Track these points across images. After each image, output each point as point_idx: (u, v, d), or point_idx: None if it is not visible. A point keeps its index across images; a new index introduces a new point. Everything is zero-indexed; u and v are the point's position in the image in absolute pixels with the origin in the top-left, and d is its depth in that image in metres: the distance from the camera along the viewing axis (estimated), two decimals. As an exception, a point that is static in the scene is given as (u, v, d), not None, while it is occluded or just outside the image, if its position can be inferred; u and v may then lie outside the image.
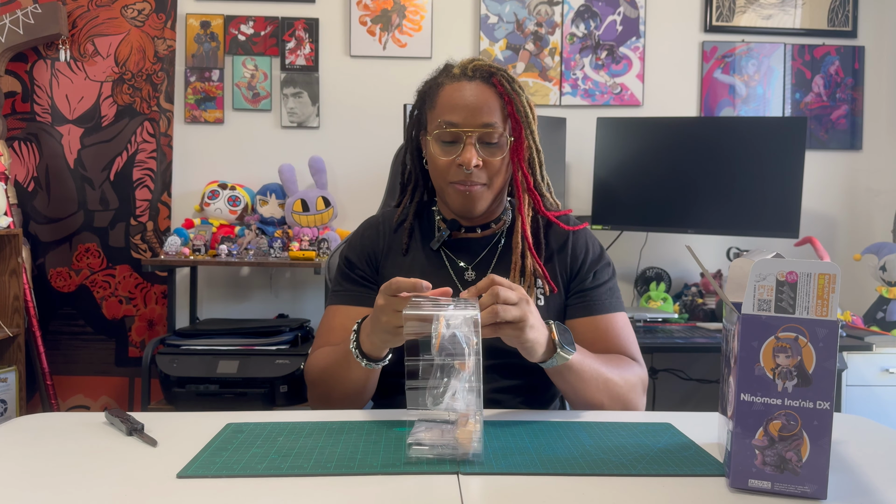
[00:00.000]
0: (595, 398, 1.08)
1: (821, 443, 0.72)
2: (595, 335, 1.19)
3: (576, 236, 1.26)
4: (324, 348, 1.19)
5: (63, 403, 2.76)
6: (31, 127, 2.74)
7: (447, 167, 1.17)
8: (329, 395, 1.14)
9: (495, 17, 2.81)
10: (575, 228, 1.27)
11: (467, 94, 1.16)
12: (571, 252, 1.25)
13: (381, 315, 0.95)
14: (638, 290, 2.79)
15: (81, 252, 2.76)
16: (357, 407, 1.14)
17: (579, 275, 1.23)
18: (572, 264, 1.24)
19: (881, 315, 2.54)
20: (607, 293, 1.23)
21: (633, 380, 1.13)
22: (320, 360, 1.17)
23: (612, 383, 1.09)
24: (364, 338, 1.03)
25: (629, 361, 1.17)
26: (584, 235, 1.27)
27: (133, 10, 2.74)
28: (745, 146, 2.48)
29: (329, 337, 1.21)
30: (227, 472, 0.78)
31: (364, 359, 1.04)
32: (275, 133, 2.80)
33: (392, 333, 0.96)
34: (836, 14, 2.85)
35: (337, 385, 1.12)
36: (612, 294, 1.23)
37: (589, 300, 1.22)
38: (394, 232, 1.29)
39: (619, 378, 1.10)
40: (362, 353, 1.04)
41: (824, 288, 0.72)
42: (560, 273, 1.24)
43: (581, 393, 1.08)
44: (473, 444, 0.82)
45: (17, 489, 0.75)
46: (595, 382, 1.07)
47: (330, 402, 1.14)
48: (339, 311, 1.23)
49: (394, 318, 0.93)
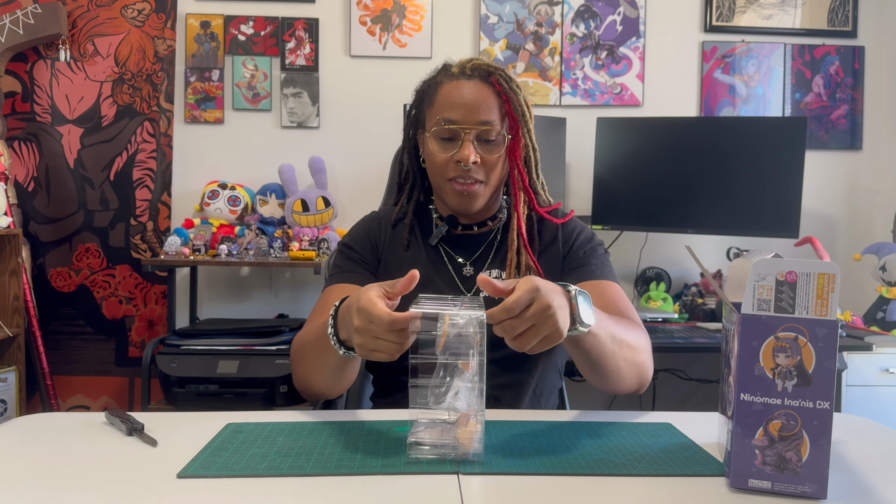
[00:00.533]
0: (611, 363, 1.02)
1: (821, 443, 0.72)
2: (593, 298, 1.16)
3: (564, 225, 1.28)
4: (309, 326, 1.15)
5: (63, 403, 2.76)
6: (31, 127, 2.74)
7: (445, 164, 1.19)
8: (306, 377, 1.10)
9: (495, 17, 2.81)
10: (563, 220, 1.28)
11: (466, 93, 1.17)
12: (562, 238, 1.27)
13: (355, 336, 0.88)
14: (638, 290, 2.79)
15: (81, 252, 2.76)
16: (336, 393, 1.11)
17: (570, 254, 1.25)
18: (563, 249, 1.26)
19: (881, 315, 2.54)
20: (599, 265, 1.23)
21: (642, 340, 1.11)
22: (302, 335, 1.14)
23: (626, 344, 1.04)
24: (341, 325, 0.96)
25: (633, 322, 1.14)
26: (572, 223, 1.30)
27: (133, 10, 2.74)
28: (745, 146, 2.48)
29: (321, 315, 1.15)
30: (227, 472, 0.78)
31: (342, 347, 0.96)
32: (275, 133, 2.80)
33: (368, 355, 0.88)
34: (836, 14, 2.85)
35: (313, 367, 1.08)
36: (604, 266, 1.23)
37: (582, 269, 1.22)
38: (393, 228, 1.30)
39: (630, 338, 1.06)
40: (340, 341, 0.96)
41: (824, 288, 0.72)
42: (553, 263, 1.25)
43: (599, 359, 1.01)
44: (474, 444, 0.82)
45: (17, 489, 0.75)
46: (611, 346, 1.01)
47: (307, 385, 1.11)
48: (335, 289, 1.22)
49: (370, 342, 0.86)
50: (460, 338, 0.81)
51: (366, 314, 0.85)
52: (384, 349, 0.86)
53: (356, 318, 0.86)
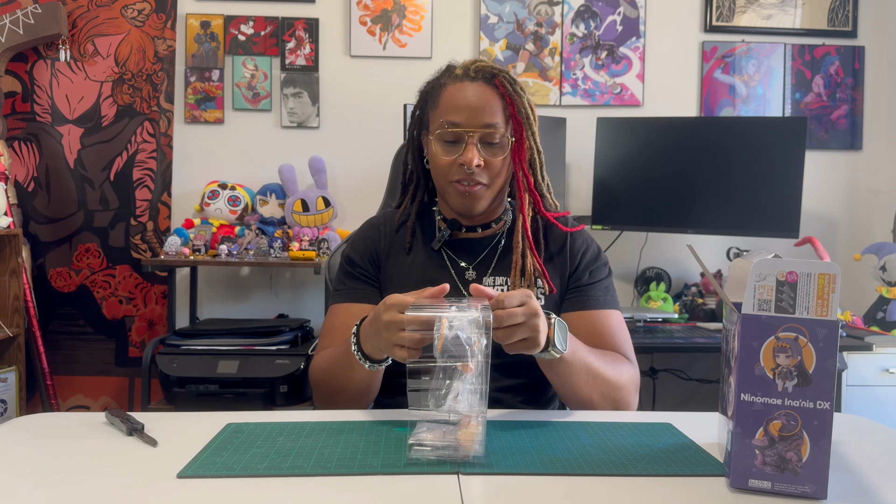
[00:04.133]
0: (584, 393, 1.08)
1: (821, 443, 0.72)
2: (589, 330, 1.19)
3: (573, 237, 1.27)
4: (328, 349, 1.19)
5: (63, 403, 2.76)
6: (31, 127, 2.74)
7: (449, 167, 1.18)
8: (333, 395, 1.14)
9: (495, 17, 2.81)
10: (573, 230, 1.28)
11: (469, 95, 1.17)
12: (569, 252, 1.26)
13: (384, 332, 0.94)
14: (638, 290, 2.79)
15: (81, 252, 2.76)
16: (363, 406, 1.14)
17: (576, 273, 1.24)
18: (570, 264, 1.25)
19: (881, 315, 2.54)
20: (602, 291, 1.23)
21: (625, 378, 1.13)
22: (323, 360, 1.17)
23: (603, 379, 1.09)
24: (364, 339, 1.02)
25: (622, 359, 1.17)
26: (581, 236, 1.28)
27: (133, 10, 2.74)
28: (745, 146, 2.48)
29: (333, 336, 1.21)
30: (227, 472, 0.78)
31: (366, 360, 1.03)
32: (275, 133, 2.80)
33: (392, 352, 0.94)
34: (836, 14, 2.85)
35: (341, 386, 1.12)
36: (606, 292, 1.24)
37: (584, 296, 1.22)
38: (395, 232, 1.29)
39: (611, 375, 1.10)
40: (364, 355, 1.03)
41: (824, 288, 0.72)
42: (558, 273, 1.24)
43: (570, 387, 1.08)
44: (475, 446, 0.82)
45: (17, 489, 0.75)
46: (585, 377, 1.07)
47: (335, 403, 1.14)
48: (342, 308, 1.23)
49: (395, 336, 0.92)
50: (458, 340, 0.81)
51: (397, 306, 0.92)
52: (408, 342, 0.90)
53: (385, 314, 0.93)
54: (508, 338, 0.92)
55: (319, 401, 1.19)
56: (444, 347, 0.81)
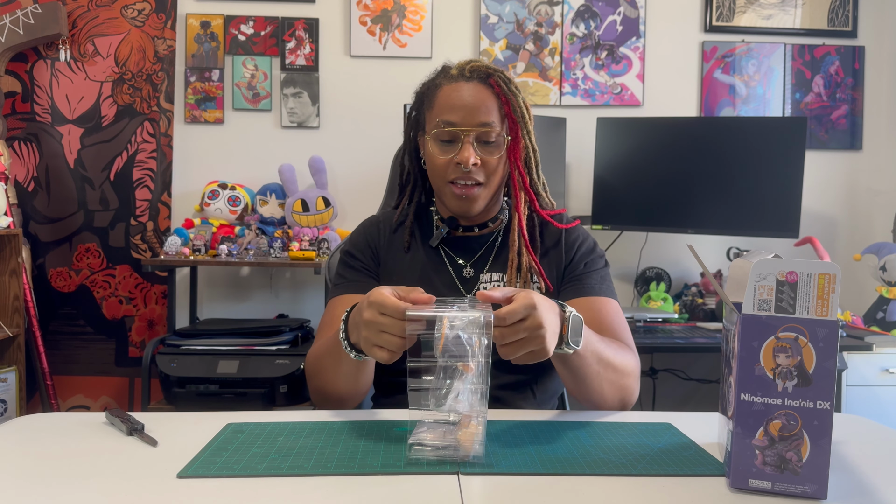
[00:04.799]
0: (594, 384, 1.06)
1: (821, 443, 0.72)
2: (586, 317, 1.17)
3: (568, 232, 1.28)
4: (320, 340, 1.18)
5: (63, 403, 2.76)
6: (31, 127, 2.74)
7: (445, 166, 1.19)
8: (324, 388, 1.12)
9: (495, 17, 2.81)
10: (568, 226, 1.28)
11: (465, 95, 1.17)
12: (564, 245, 1.26)
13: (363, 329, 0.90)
14: (638, 290, 2.79)
15: (81, 252, 2.76)
16: (353, 404, 1.13)
17: (571, 264, 1.25)
18: (565, 256, 1.26)
19: (881, 315, 2.54)
20: (598, 279, 1.23)
21: (631, 364, 1.13)
22: (316, 350, 1.16)
23: (612, 367, 1.07)
24: (352, 328, 0.98)
25: (625, 347, 1.16)
26: (576, 231, 1.29)
27: (133, 10, 2.74)
28: (745, 146, 2.48)
29: (332, 327, 1.18)
30: (227, 472, 0.78)
31: (353, 350, 0.99)
32: (275, 133, 2.80)
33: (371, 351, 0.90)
34: (836, 14, 2.85)
35: (329, 377, 1.10)
36: (603, 281, 1.24)
37: (580, 283, 1.22)
38: (393, 232, 1.30)
39: (618, 362, 1.09)
40: (351, 345, 0.99)
41: (824, 288, 0.72)
42: (554, 267, 1.25)
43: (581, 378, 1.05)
44: (475, 446, 0.82)
45: (17, 489, 0.75)
46: (596, 367, 1.04)
47: (326, 396, 1.13)
48: (341, 300, 1.23)
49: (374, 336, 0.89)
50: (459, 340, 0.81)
51: (378, 306, 0.88)
52: (387, 344, 0.88)
53: (367, 311, 0.89)
54: (513, 353, 0.89)
55: (312, 394, 1.18)
56: (445, 347, 0.81)
